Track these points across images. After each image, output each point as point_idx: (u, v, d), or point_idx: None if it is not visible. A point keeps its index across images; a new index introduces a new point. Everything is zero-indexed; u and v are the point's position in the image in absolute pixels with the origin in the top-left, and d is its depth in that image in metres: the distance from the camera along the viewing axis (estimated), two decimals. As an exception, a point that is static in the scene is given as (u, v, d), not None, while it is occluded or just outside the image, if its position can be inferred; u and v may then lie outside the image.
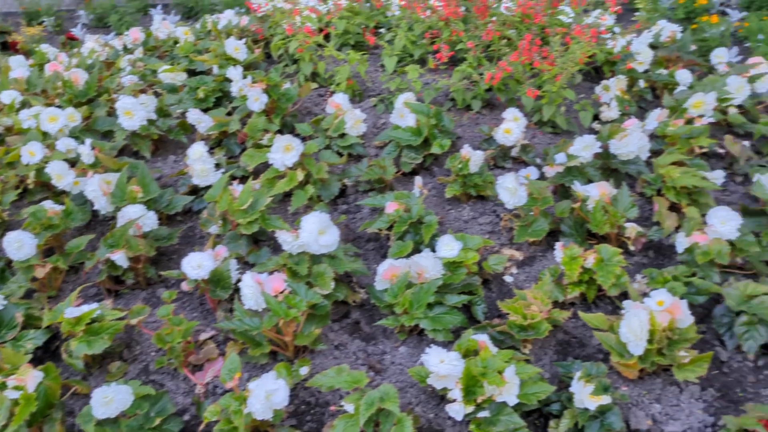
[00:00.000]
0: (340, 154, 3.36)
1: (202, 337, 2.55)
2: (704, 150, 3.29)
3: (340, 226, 3.00)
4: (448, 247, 2.56)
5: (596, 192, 2.72)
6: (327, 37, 4.41)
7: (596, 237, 2.79)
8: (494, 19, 4.11)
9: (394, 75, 3.88)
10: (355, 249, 2.79)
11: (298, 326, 2.36)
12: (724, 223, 2.57)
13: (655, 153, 3.32)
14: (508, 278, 2.74)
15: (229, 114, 3.63)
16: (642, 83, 3.86)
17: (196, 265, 2.49)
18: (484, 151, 3.14)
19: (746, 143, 3.46)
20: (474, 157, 2.97)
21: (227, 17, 4.89)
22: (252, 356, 2.35)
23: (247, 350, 2.35)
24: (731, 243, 2.59)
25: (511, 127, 3.17)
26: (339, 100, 3.39)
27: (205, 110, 3.61)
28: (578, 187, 2.78)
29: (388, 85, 3.75)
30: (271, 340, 2.36)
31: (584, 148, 2.92)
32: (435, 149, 3.20)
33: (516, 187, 2.71)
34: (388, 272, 2.48)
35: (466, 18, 4.26)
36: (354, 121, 3.32)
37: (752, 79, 3.85)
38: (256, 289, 2.35)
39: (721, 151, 3.51)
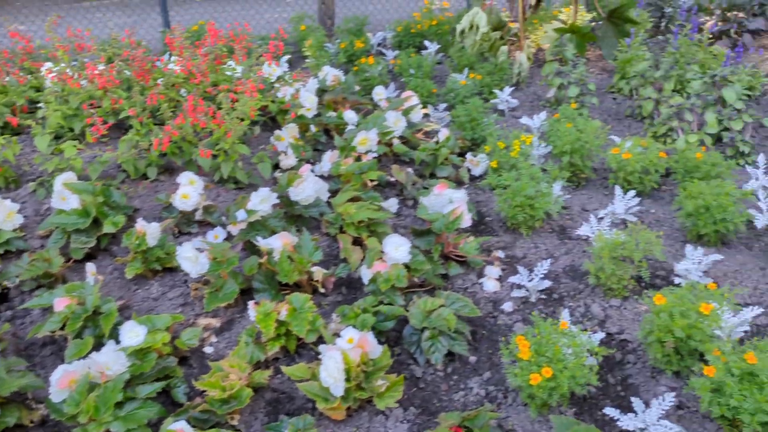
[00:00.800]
0: (-7, 254, 2.92)
1: None
2: (375, 182, 3.56)
3: (6, 336, 2.59)
4: (132, 334, 2.35)
5: (279, 243, 2.74)
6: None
7: (289, 286, 2.80)
8: (160, 81, 3.99)
9: (51, 155, 3.52)
10: (23, 362, 2.41)
11: (-47, 476, 1.95)
12: (398, 249, 2.77)
13: (336, 192, 3.50)
14: (208, 349, 2.61)
15: None
16: (313, 128, 4.06)
17: None
18: (163, 221, 2.98)
19: (410, 170, 3.82)
20: (150, 230, 2.79)
21: None
22: None
23: None
24: (407, 266, 2.80)
25: (188, 192, 3.07)
26: (-18, 192, 2.95)
27: None
28: (261, 242, 2.77)
29: (46, 166, 3.38)
30: None
31: (261, 201, 2.94)
32: (108, 228, 2.95)
33: (196, 255, 2.60)
34: (63, 379, 2.18)
35: (130, 83, 4.07)
36: (5, 213, 2.91)
37: (406, 112, 4.30)
38: None
39: (392, 179, 3.83)
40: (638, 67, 4.39)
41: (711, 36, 5.32)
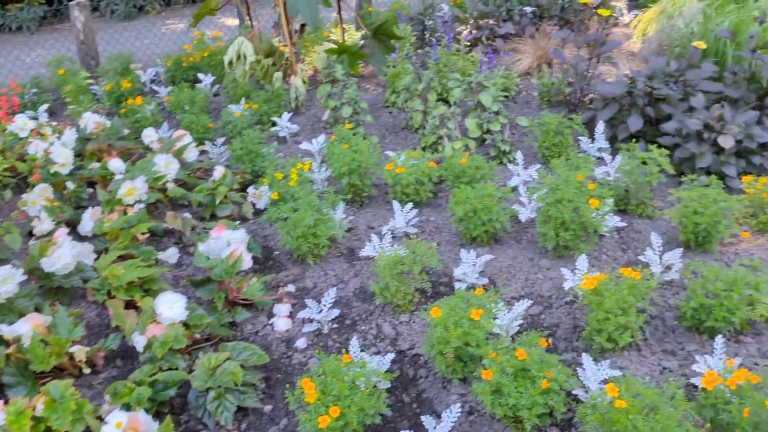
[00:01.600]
0: None
1: None
2: (148, 234, 3.29)
3: None
4: None
5: (27, 327, 2.40)
6: None
7: (49, 374, 2.46)
8: None
9: None
10: None
11: None
12: (172, 308, 2.55)
13: (105, 252, 3.17)
14: (-48, 469, 2.20)
15: None
16: (71, 185, 3.67)
17: None
18: None
19: (188, 214, 3.59)
20: None
21: None
22: None
23: None
24: (186, 323, 2.59)
25: None
26: None
27: None
28: (5, 329, 2.41)
29: None
30: None
31: (2, 281, 2.56)
32: None
33: None
34: None
35: None
36: None
37: (179, 152, 4.05)
38: None
39: (170, 227, 3.57)
40: (404, 80, 4.54)
41: (468, 44, 5.68)
